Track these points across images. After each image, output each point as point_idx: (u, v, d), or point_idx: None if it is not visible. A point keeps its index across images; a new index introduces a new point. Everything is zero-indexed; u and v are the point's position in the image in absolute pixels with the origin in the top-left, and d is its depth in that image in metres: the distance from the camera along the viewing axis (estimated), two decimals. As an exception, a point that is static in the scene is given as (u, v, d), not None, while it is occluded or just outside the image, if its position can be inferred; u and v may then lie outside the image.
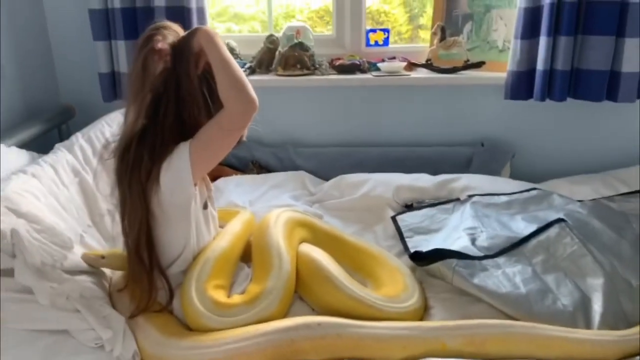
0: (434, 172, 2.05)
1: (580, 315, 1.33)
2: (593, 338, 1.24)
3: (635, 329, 1.27)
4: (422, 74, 2.19)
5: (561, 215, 1.63)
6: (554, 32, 1.94)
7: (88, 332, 1.24)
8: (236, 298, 1.30)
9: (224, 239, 1.42)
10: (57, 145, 1.68)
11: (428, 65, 2.23)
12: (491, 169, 2.14)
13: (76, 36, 2.16)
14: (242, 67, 2.19)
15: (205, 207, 1.38)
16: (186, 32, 1.30)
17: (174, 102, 1.26)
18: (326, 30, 2.46)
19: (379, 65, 2.19)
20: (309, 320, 1.22)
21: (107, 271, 1.45)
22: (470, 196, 1.86)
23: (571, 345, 1.22)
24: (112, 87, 2.08)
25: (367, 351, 1.19)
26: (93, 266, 1.39)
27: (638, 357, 1.22)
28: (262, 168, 2.21)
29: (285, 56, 2.17)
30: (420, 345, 1.21)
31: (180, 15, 1.95)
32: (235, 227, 1.50)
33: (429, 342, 1.21)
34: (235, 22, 2.51)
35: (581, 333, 1.25)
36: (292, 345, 1.17)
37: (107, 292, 1.37)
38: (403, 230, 1.75)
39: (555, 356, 1.21)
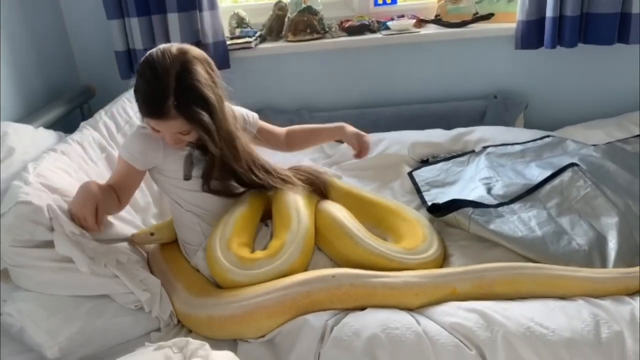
0: (448, 127, 2.08)
1: (595, 253, 1.38)
2: (595, 276, 1.28)
3: (637, 267, 1.30)
4: (431, 29, 2.20)
5: (575, 160, 1.66)
6: (562, -23, 1.93)
7: (127, 295, 1.32)
8: (259, 253, 1.36)
9: (244, 201, 1.49)
10: (82, 124, 1.74)
11: (437, 21, 2.23)
12: (505, 121, 2.17)
13: (90, 17, 2.20)
14: (253, 35, 2.21)
15: (186, 177, 1.44)
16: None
17: None
18: (333, -7, 2.46)
19: (388, 24, 2.20)
20: (324, 273, 1.28)
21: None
22: (485, 147, 1.89)
23: (574, 283, 1.26)
24: (129, 65, 2.13)
25: (381, 299, 1.25)
26: (144, 244, 1.48)
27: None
28: (279, 134, 2.25)
29: (295, 22, 2.19)
30: (432, 291, 1.26)
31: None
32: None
33: (440, 288, 1.27)
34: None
35: (584, 271, 1.29)
36: (309, 297, 1.23)
37: (144, 257, 1.46)
38: (420, 184, 1.80)
39: (560, 294, 1.25)
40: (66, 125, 1.94)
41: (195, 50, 1.35)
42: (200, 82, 1.30)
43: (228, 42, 2.17)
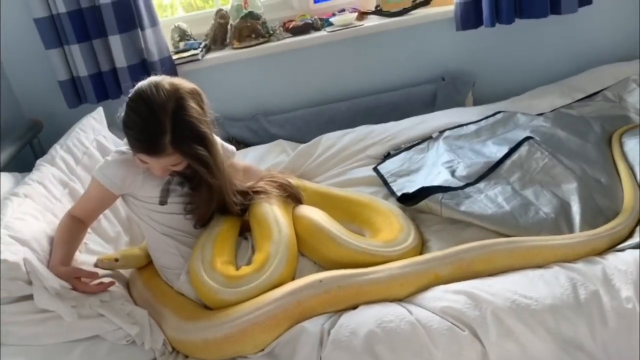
0: (403, 114, 2.12)
1: (562, 219, 1.45)
2: (565, 242, 1.35)
3: (602, 228, 1.39)
4: (374, 21, 2.23)
5: (528, 133, 1.73)
6: (494, -43, 2.00)
7: (117, 332, 1.29)
8: (245, 269, 1.36)
9: (219, 219, 1.48)
10: (38, 161, 1.67)
11: (378, 12, 2.26)
12: (455, 101, 2.23)
13: (26, 48, 2.11)
14: (198, 47, 2.19)
15: (161, 203, 1.44)
16: None
17: None
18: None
19: (331, 20, 2.22)
20: (311, 280, 1.29)
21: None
22: (441, 132, 1.94)
23: (547, 252, 1.33)
24: (75, 93, 2.06)
25: (369, 296, 1.27)
26: (109, 269, 1.45)
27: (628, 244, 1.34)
28: (239, 144, 2.24)
29: (239, 28, 2.18)
30: (416, 279, 1.30)
31: (129, 9, 1.94)
32: None
33: (423, 275, 1.31)
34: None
35: (555, 239, 1.36)
36: (300, 305, 1.24)
37: (126, 288, 1.43)
38: (386, 176, 1.82)
39: (536, 263, 1.32)
40: (19, 164, 1.87)
41: (186, 84, 1.35)
42: (196, 118, 1.31)
43: (174, 57, 2.14)
